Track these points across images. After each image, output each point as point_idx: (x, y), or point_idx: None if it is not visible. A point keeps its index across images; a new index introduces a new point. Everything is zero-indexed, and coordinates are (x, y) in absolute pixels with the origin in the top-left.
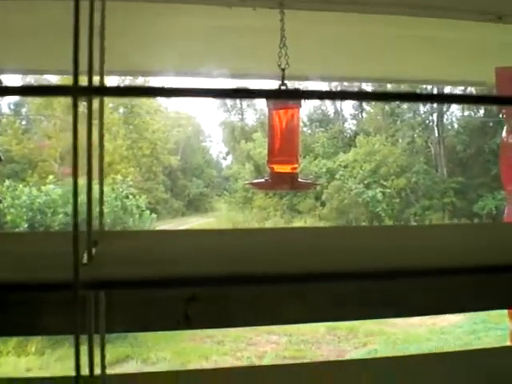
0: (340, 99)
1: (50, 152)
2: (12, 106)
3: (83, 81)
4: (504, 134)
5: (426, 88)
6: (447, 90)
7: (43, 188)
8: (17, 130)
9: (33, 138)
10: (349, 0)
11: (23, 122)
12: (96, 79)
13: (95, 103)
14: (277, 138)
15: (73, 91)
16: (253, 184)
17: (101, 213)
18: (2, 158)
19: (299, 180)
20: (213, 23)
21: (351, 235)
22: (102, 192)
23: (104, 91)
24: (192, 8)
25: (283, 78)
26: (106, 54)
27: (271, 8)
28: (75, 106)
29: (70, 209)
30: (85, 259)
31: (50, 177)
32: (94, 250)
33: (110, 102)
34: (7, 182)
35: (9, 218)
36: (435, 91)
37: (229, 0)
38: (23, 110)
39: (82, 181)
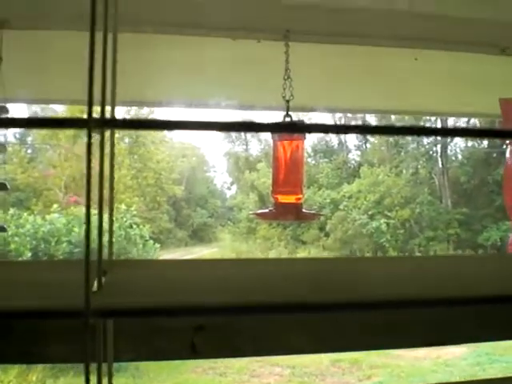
0: (343, 133)
1: (55, 181)
2: (18, 135)
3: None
4: (508, 155)
5: (429, 119)
6: (451, 121)
7: (47, 217)
8: (22, 159)
9: (38, 166)
10: (352, 33)
11: (29, 151)
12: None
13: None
14: (281, 168)
15: (87, 124)
16: (257, 214)
17: (110, 242)
18: (9, 186)
19: (303, 210)
20: (218, 55)
21: (355, 265)
22: (111, 221)
23: (118, 124)
24: (198, 40)
25: (288, 110)
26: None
27: (276, 40)
28: (89, 138)
29: (74, 238)
30: (95, 287)
31: (55, 205)
32: (103, 279)
33: (115, 131)
34: (12, 211)
35: (13, 246)
36: (439, 123)
37: (234, 32)
38: (29, 139)
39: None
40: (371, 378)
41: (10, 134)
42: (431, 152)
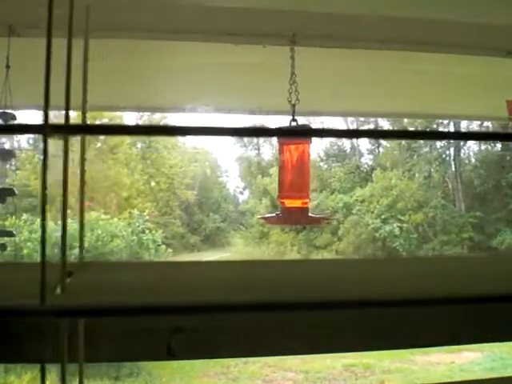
0: (356, 137)
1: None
2: (31, 141)
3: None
4: None
5: (442, 122)
6: (464, 123)
7: (60, 222)
8: (35, 165)
9: (51, 172)
10: (358, 37)
11: (42, 157)
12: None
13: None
14: (287, 172)
15: (44, 129)
16: (265, 218)
17: (81, 245)
18: (16, 192)
19: (310, 214)
20: (223, 60)
21: (353, 267)
22: (82, 224)
23: (75, 129)
24: (206, 46)
25: (294, 114)
26: (123, 92)
27: (281, 45)
28: (45, 144)
29: (86, 243)
30: (58, 289)
31: (67, 211)
32: (68, 280)
33: (128, 137)
34: (24, 216)
35: (25, 251)
36: (451, 125)
37: (236, 37)
38: (42, 145)
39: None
40: (384, 382)
41: (24, 140)
42: (444, 155)
